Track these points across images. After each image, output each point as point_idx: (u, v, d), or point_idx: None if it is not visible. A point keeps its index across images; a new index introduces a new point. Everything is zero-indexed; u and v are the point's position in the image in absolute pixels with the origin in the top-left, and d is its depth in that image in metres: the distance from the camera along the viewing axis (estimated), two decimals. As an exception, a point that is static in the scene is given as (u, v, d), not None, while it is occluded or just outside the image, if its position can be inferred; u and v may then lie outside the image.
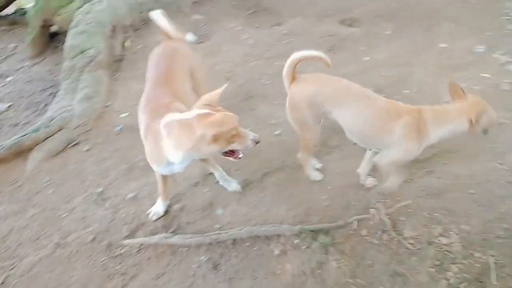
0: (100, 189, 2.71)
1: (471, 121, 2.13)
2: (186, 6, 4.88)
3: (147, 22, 4.57)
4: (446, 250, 2.23)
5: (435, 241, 2.29)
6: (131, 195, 2.63)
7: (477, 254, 2.20)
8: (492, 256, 2.17)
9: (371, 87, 3.46)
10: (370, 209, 2.51)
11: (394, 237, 2.31)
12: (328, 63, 2.35)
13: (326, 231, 2.37)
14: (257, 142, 2.09)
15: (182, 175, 2.77)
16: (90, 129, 3.22)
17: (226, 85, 2.18)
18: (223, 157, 2.13)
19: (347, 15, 4.83)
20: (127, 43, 4.24)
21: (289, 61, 2.35)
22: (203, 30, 4.55)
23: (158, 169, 2.28)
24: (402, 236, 2.32)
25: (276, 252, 2.26)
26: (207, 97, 2.07)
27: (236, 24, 4.69)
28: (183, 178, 2.75)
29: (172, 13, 4.76)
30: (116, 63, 3.96)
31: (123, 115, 3.33)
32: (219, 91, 2.09)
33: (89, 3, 4.31)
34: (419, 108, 2.29)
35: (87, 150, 3.05)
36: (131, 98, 3.50)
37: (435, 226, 2.37)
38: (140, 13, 4.52)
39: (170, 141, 1.96)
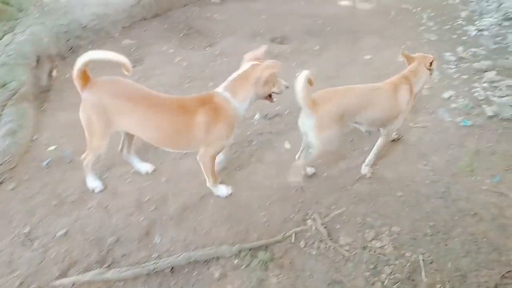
0: (27, 229, 2.53)
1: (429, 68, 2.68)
2: (115, 32, 4.79)
3: (75, 50, 4.43)
4: (380, 253, 2.32)
5: (369, 245, 2.38)
6: (61, 232, 2.48)
7: (407, 254, 2.31)
8: (422, 254, 2.30)
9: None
10: (307, 221, 2.56)
11: (330, 245, 2.37)
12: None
13: (265, 248, 2.38)
14: (286, 87, 2.52)
15: (116, 205, 2.68)
16: (15, 166, 3.02)
17: (266, 46, 2.62)
18: (263, 100, 2.55)
19: (277, 33, 4.99)
20: (54, 73, 4.07)
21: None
22: (135, 55, 4.48)
23: (229, 139, 2.51)
24: (338, 244, 2.39)
25: (216, 275, 2.23)
26: (251, 55, 2.49)
27: (169, 46, 4.67)
28: (117, 208, 2.65)
29: (102, 39, 4.67)
30: (42, 94, 3.77)
31: (51, 148, 3.16)
32: (263, 49, 2.55)
33: (10, 33, 4.10)
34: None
35: (13, 189, 2.85)
36: (60, 130, 3.36)
37: (368, 231, 2.46)
38: (67, 41, 4.37)
39: (236, 98, 2.37)
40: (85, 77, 2.38)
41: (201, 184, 2.84)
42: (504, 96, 3.50)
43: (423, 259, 2.25)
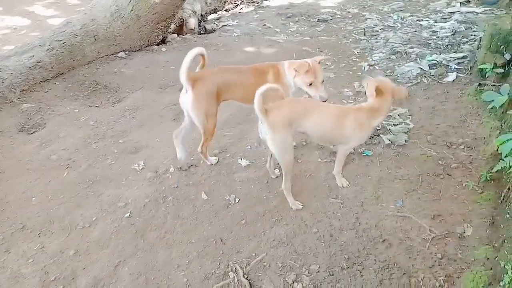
0: None
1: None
2: (13, 96, 4.48)
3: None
4: (301, 296, 2.33)
5: (291, 289, 2.38)
6: None
7: (327, 291, 2.35)
8: (340, 289, 2.35)
9: (216, 148, 3.64)
10: (229, 273, 2.51)
11: (253, 297, 2.34)
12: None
13: (186, 311, 2.27)
14: (323, 100, 3.22)
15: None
16: None
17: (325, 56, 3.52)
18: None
19: (187, 82, 5.04)
20: None
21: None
22: (36, 119, 4.21)
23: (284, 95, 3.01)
24: (260, 294, 2.36)
25: None
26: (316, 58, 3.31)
27: (74, 106, 4.48)
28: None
29: (-3, 105, 4.35)
30: None
31: None
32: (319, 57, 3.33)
33: None
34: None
35: None
36: None
37: (289, 274, 2.48)
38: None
39: (295, 79, 3.23)
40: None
41: (113, 251, 2.68)
42: (397, 124, 3.84)
43: (342, 295, 2.31)
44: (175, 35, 6.52)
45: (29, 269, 2.59)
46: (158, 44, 6.12)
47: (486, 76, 4.29)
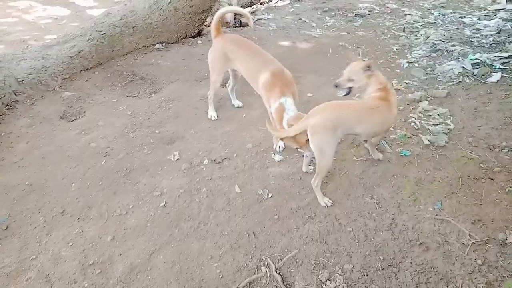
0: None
1: None
2: (55, 84, 4.64)
3: (11, 106, 4.24)
4: (334, 295, 2.31)
5: (324, 287, 2.36)
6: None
7: (361, 292, 2.32)
8: (375, 290, 2.31)
9: (249, 142, 3.64)
10: (261, 267, 2.52)
11: (285, 292, 2.34)
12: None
13: (219, 302, 2.30)
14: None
15: (58, 272, 2.51)
16: None
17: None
18: None
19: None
20: (-12, 132, 3.85)
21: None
22: (76, 107, 4.35)
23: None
24: (293, 290, 2.36)
25: None
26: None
27: (112, 96, 4.59)
28: (59, 276, 2.48)
29: (40, 92, 4.52)
30: (-26, 156, 3.55)
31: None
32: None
33: None
34: None
35: None
36: (-6, 194, 3.14)
37: (321, 272, 2.46)
38: (2, 97, 4.18)
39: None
40: (217, 29, 3.75)
41: (148, 239, 2.74)
42: (437, 124, 3.72)
43: (376, 296, 2.27)
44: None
45: (69, 252, 2.68)
46: (194, 37, 6.16)
47: (534, 77, 4.08)
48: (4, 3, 8.58)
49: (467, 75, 4.61)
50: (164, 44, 5.82)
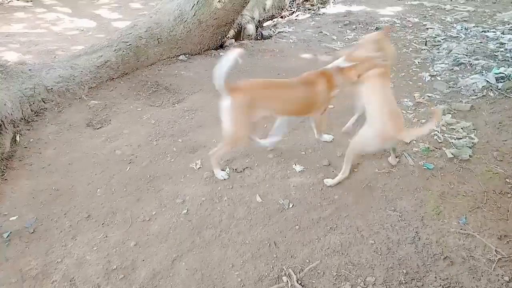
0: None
1: None
2: (82, 93, 4.79)
3: (39, 113, 4.39)
4: (356, 307, 2.29)
5: (345, 299, 2.34)
6: (22, 311, 2.33)
7: (384, 305, 2.29)
8: (398, 303, 2.28)
9: (270, 152, 3.66)
10: (283, 277, 2.52)
11: (307, 303, 2.33)
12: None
13: (240, 310, 2.30)
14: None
15: (82, 276, 2.56)
16: (-28, 241, 2.87)
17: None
18: None
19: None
20: (18, 138, 3.98)
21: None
22: (102, 115, 4.47)
23: None
24: (314, 300, 2.34)
25: None
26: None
27: (137, 105, 4.71)
28: (83, 280, 2.53)
29: (68, 100, 4.66)
30: (4, 162, 3.66)
31: (13, 218, 3.03)
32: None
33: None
34: None
35: (-31, 266, 2.69)
36: (22, 199, 3.24)
37: (343, 284, 2.44)
38: (31, 104, 4.34)
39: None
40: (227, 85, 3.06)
41: (171, 246, 2.78)
42: (461, 138, 3.68)
43: (399, 310, 2.24)
44: (233, 40, 6.66)
45: (93, 257, 2.74)
46: (216, 49, 6.28)
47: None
48: (34, 15, 8.92)
49: (491, 89, 4.56)
50: (187, 55, 5.95)
